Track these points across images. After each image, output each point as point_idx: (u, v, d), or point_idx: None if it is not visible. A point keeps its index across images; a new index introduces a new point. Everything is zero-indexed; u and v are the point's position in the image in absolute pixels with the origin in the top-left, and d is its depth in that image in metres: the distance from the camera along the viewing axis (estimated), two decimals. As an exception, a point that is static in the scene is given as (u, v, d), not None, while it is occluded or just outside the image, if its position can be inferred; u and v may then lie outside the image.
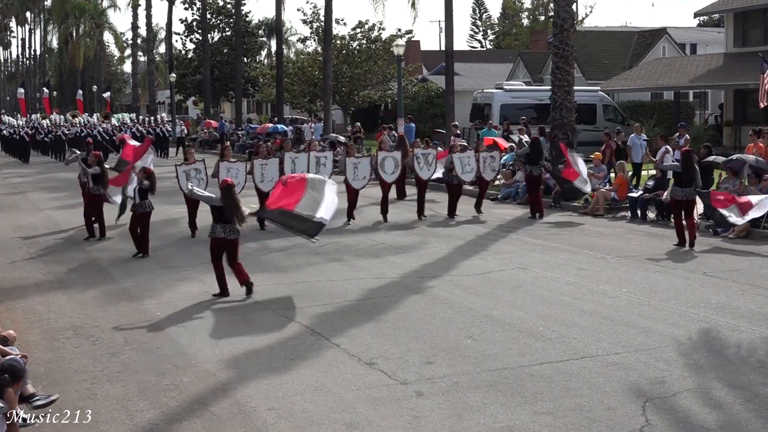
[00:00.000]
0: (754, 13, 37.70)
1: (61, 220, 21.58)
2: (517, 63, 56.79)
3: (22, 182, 33.72)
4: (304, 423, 8.00)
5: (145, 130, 46.88)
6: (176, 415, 8.31)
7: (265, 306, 12.51)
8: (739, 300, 12.36)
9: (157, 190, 16.66)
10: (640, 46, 51.74)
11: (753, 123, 32.22)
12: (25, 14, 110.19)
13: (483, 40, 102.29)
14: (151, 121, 48.85)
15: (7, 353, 8.61)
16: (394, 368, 9.52)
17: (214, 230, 12.99)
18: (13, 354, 8.73)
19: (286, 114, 56.71)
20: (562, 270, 14.67)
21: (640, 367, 9.37)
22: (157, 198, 17.38)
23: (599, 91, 39.32)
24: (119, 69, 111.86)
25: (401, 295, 13.04)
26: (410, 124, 35.98)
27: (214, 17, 69.72)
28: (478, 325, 11.26)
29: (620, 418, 7.95)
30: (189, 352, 10.33)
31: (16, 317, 12.10)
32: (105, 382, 9.32)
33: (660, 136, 23.43)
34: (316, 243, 15.58)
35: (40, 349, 10.54)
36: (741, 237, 17.04)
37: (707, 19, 59.75)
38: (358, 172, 20.41)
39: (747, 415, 8.00)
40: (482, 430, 7.74)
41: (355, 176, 20.37)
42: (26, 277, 15.10)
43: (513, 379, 9.10)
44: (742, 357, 9.77)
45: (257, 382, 9.18)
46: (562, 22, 25.35)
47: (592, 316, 11.60)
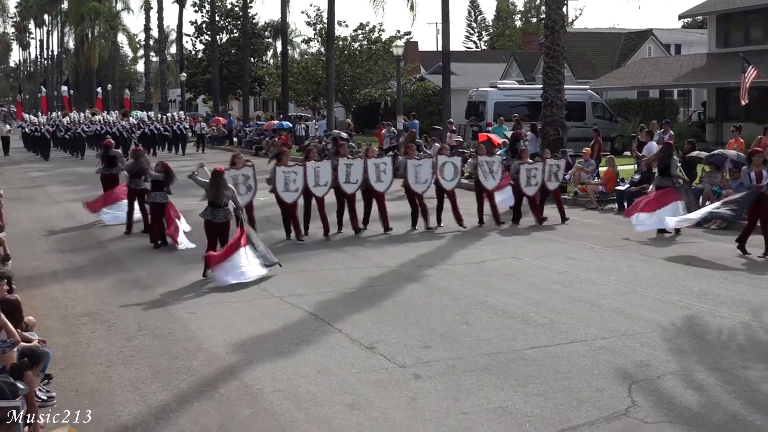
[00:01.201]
0: (736, 15, 37.64)
1: (78, 212, 21.54)
2: (511, 63, 56.67)
3: (40, 176, 33.68)
4: (309, 404, 8.01)
5: (162, 127, 46.39)
6: (187, 396, 8.32)
7: (270, 293, 12.52)
8: (719, 288, 12.36)
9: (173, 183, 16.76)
10: (627, 47, 51.67)
11: (734, 120, 32.18)
12: (43, 16, 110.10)
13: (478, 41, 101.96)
14: (168, 119, 48.13)
15: (28, 339, 8.63)
16: (394, 352, 9.53)
17: (205, 213, 13.97)
18: (33, 339, 8.76)
19: (291, 111, 56.60)
20: (552, 259, 14.68)
21: (626, 351, 9.38)
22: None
23: (588, 89, 39.33)
24: (132, 69, 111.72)
25: (400, 283, 13.04)
26: (414, 121, 35.97)
27: (223, 19, 69.60)
28: (472, 311, 11.27)
29: (607, 399, 7.96)
30: (199, 336, 10.34)
31: (36, 304, 12.10)
32: (120, 365, 9.33)
33: (645, 131, 23.40)
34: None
35: (59, 334, 10.55)
36: (722, 228, 17.05)
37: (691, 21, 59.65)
38: (420, 175, 17.86)
39: (727, 396, 8.01)
40: (477, 410, 7.76)
41: (417, 179, 17.84)
42: (45, 267, 15.11)
43: (506, 362, 9.11)
44: (723, 341, 9.78)
45: (264, 365, 9.19)
46: (553, 24, 25.31)
47: (581, 303, 11.60)
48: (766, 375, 8.56)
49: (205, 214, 13.98)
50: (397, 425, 7.48)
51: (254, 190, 16.34)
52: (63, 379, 8.83)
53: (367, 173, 17.45)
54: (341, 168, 17.32)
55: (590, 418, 7.50)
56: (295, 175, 16.86)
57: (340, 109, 53.72)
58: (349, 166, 17.42)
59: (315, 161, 17.33)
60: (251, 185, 16.20)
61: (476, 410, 7.77)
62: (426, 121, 46.51)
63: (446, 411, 7.76)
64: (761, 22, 36.48)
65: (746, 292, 12.06)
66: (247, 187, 16.12)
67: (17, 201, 24.28)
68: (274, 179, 16.71)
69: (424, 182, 17.95)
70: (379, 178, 17.63)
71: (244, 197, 15.66)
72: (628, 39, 52.89)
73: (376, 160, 17.94)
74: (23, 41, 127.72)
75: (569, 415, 7.60)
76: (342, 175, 17.28)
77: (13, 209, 21.89)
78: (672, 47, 54.87)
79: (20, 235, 18.07)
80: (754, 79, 25.43)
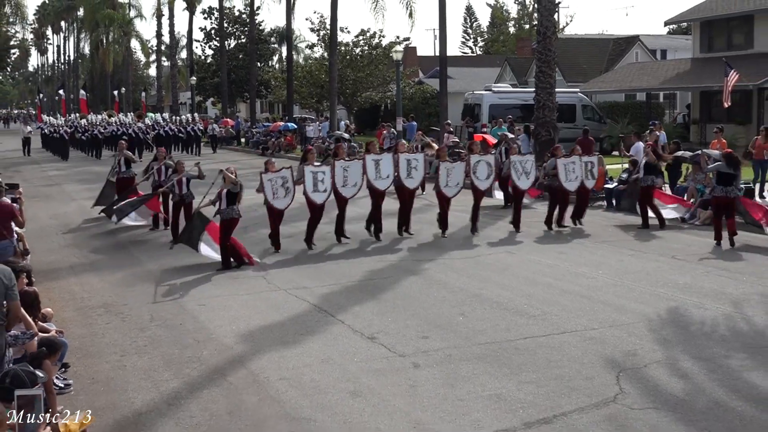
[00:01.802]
0: (719, 22, 37.59)
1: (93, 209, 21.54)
2: (504, 67, 56.59)
3: (57, 175, 33.63)
4: (312, 391, 8.01)
5: (176, 129, 46.01)
6: (197, 384, 8.32)
7: (276, 286, 12.51)
8: (703, 281, 12.36)
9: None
10: (616, 52, 51.60)
11: (717, 121, 32.15)
12: (59, 23, 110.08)
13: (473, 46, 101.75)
14: (182, 121, 47.71)
15: (46, 329, 8.64)
16: (393, 342, 9.52)
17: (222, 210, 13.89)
18: (51, 329, 8.77)
19: (296, 113, 56.58)
20: (544, 254, 14.66)
21: (615, 341, 9.38)
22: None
23: (578, 92, 39.30)
24: (145, 73, 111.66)
25: (399, 276, 13.04)
26: (412, 122, 35.85)
27: (231, 26, 69.59)
28: (468, 303, 11.27)
29: (597, 387, 7.96)
30: (208, 327, 10.34)
31: (53, 296, 12.10)
32: (133, 354, 9.33)
33: (633, 133, 23.38)
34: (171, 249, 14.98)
35: (75, 325, 10.55)
36: (706, 224, 17.02)
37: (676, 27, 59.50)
38: (451, 178, 16.50)
39: (710, 384, 8.01)
40: (472, 397, 7.76)
41: (447, 182, 16.48)
42: (62, 261, 15.11)
43: (500, 352, 9.10)
44: (706, 332, 9.78)
45: (270, 354, 9.19)
46: (545, 30, 25.31)
47: (571, 295, 11.60)
48: (747, 364, 8.56)
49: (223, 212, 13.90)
50: (396, 411, 7.48)
51: (292, 192, 15.30)
52: (79, 367, 8.83)
53: (399, 168, 16.28)
54: (369, 165, 16.02)
55: (580, 405, 7.50)
56: (324, 174, 15.65)
57: (342, 111, 53.67)
58: (378, 162, 16.16)
59: (344, 160, 16.12)
60: (289, 187, 15.22)
61: (472, 397, 7.76)
62: (424, 122, 46.47)
63: (443, 398, 7.76)
64: (743, 29, 36.44)
65: (728, 285, 12.06)
66: (286, 189, 15.17)
67: (35, 198, 24.26)
68: (302, 179, 15.47)
69: (456, 186, 16.60)
70: (409, 174, 16.51)
71: (284, 200, 15.14)
72: (617, 45, 52.82)
73: (408, 156, 16.76)
74: (41, 47, 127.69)
75: (560, 401, 7.60)
76: (371, 173, 16.01)
77: (32, 206, 21.87)
78: (658, 52, 54.78)
79: (38, 230, 18.07)
80: (735, 82, 25.41)
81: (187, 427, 7.24)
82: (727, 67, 24.83)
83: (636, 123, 38.02)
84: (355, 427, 7.16)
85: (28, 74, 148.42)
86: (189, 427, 7.25)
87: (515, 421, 7.20)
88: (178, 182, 16.54)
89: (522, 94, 37.72)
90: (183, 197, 16.53)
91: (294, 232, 16.80)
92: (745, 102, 33.83)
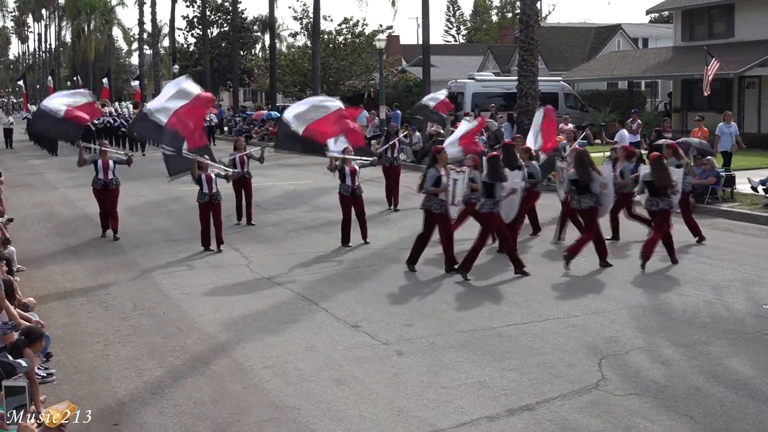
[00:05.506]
0: (700, 10, 37.69)
1: (76, 197, 21.42)
2: (487, 56, 56.55)
3: (40, 164, 33.36)
4: (297, 380, 8.00)
5: None
6: (181, 373, 8.29)
7: (259, 275, 12.48)
8: (684, 268, 12.42)
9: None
10: (598, 41, 51.68)
11: (698, 109, 32.27)
12: (40, 11, 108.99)
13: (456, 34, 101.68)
14: None
15: (28, 318, 8.57)
16: (377, 330, 9.52)
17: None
18: (33, 319, 8.70)
19: (279, 102, 56.35)
20: (528, 242, 14.68)
21: (597, 328, 9.42)
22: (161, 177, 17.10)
23: (561, 80, 39.32)
24: (127, 61, 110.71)
25: (383, 265, 13.03)
26: (396, 111, 35.77)
27: (213, 14, 69.08)
28: (451, 291, 11.28)
29: (579, 373, 7.99)
30: (192, 316, 10.30)
31: (36, 285, 12.03)
32: (116, 343, 9.29)
33: (618, 121, 23.46)
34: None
35: (58, 314, 10.49)
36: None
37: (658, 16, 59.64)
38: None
39: (691, 370, 8.06)
40: (456, 384, 7.77)
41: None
42: (44, 249, 15.00)
43: (483, 339, 9.12)
44: (687, 319, 9.83)
45: (254, 343, 9.17)
46: (527, 19, 25.26)
47: (553, 283, 11.63)
48: (727, 350, 8.62)
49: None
50: (380, 399, 7.48)
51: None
52: (62, 357, 8.78)
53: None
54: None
55: (563, 391, 7.53)
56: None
57: (325, 100, 53.37)
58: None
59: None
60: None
61: (455, 384, 7.78)
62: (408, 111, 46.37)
63: (427, 385, 7.77)
64: (723, 17, 36.55)
65: (709, 272, 12.13)
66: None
67: (18, 187, 24.06)
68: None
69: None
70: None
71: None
72: (599, 33, 52.89)
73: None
74: (22, 35, 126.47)
75: (543, 388, 7.62)
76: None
77: (13, 195, 21.69)
78: (640, 41, 54.90)
79: (20, 219, 17.90)
80: (716, 71, 25.51)
81: (171, 416, 7.22)
82: (708, 55, 24.91)
83: (618, 111, 38.20)
84: (338, 415, 7.16)
85: (8, 62, 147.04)
86: (173, 415, 7.23)
87: (498, 408, 7.22)
88: (240, 159, 16.51)
89: (505, 82, 37.68)
90: (245, 174, 16.50)
91: (269, 221, 16.77)
92: (726, 91, 33.95)
